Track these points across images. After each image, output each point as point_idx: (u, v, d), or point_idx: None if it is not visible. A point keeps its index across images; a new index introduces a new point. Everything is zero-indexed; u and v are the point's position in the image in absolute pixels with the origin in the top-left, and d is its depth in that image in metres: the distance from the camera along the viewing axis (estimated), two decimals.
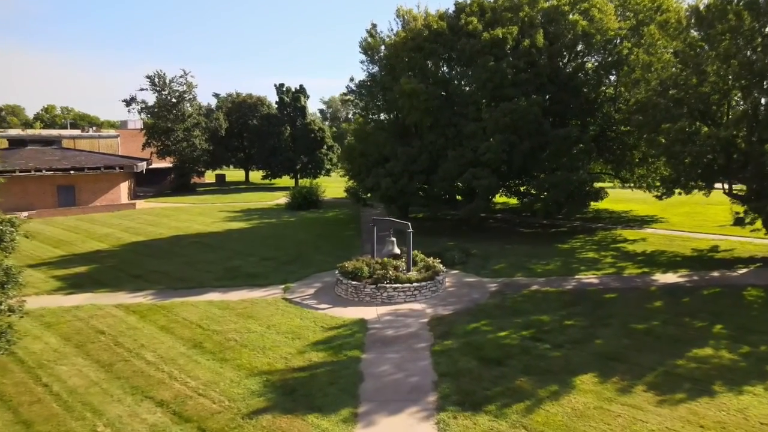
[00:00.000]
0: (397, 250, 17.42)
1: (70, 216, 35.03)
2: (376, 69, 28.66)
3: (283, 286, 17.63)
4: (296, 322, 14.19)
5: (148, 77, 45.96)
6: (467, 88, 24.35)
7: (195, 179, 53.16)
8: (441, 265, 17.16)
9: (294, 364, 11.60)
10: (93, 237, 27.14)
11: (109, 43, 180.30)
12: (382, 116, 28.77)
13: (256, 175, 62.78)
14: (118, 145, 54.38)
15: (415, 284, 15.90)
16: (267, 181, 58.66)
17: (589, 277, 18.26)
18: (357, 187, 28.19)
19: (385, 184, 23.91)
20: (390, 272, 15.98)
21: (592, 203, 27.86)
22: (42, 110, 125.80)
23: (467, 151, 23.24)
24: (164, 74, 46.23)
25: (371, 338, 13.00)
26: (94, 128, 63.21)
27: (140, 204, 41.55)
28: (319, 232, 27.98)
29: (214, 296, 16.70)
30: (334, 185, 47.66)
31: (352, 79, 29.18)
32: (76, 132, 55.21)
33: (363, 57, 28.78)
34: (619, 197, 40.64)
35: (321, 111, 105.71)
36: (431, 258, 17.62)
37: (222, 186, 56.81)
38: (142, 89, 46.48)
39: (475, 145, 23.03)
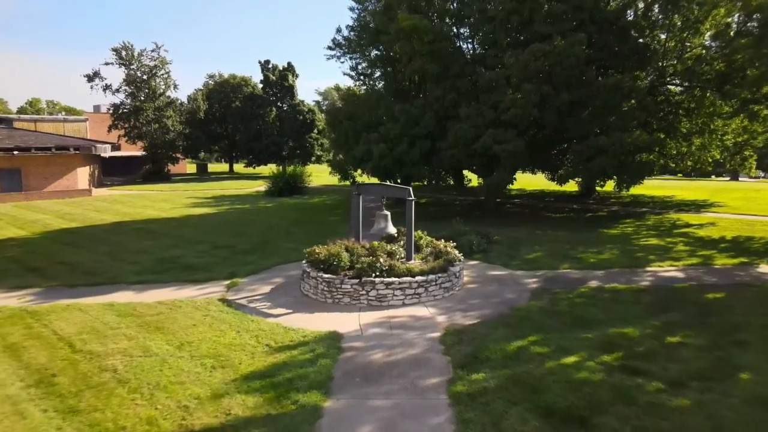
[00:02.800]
0: (392, 229, 12.02)
1: (9, 203, 29.67)
2: (369, 19, 23.23)
3: (227, 282, 12.25)
4: (228, 338, 8.77)
5: (114, 50, 40.53)
6: (485, 28, 18.76)
7: (172, 168, 47.69)
8: (456, 251, 11.74)
9: (195, 425, 6.19)
10: (15, 224, 21.75)
11: (100, 40, 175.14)
12: (377, 74, 23.31)
13: (242, 167, 57.42)
14: (87, 129, 49.00)
15: (419, 278, 10.50)
16: (251, 170, 53.22)
17: (668, 270, 12.84)
18: (343, 162, 22.70)
19: (379, 152, 18.47)
20: (381, 260, 10.58)
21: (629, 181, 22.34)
22: (26, 104, 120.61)
23: (485, 108, 17.85)
24: (132, 46, 40.83)
25: (346, 367, 7.60)
26: (64, 113, 57.84)
27: (101, 191, 36.28)
28: (296, 217, 22.60)
29: (122, 296, 11.32)
30: (325, 174, 42.28)
31: (339, 30, 23.93)
32: (38, 115, 49.79)
33: (352, 3, 23.35)
34: (651, 183, 35.46)
35: (317, 103, 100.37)
36: (442, 241, 12.22)
37: (203, 175, 51.37)
38: (107, 63, 40.97)
39: (496, 99, 17.65)
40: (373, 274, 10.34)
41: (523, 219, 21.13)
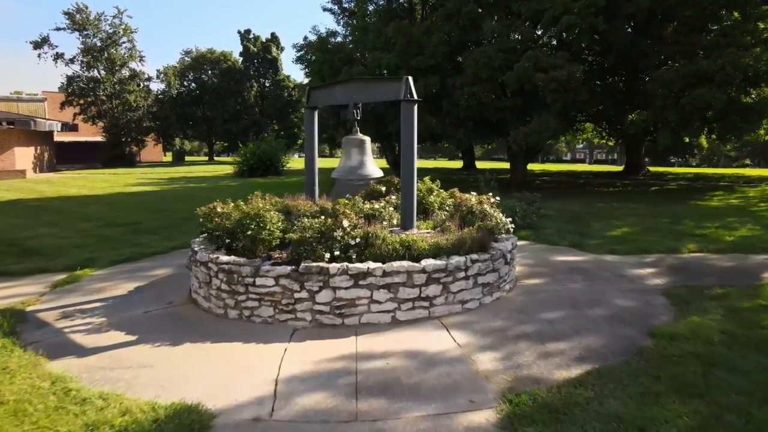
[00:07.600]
0: (373, 170, 6.20)
1: None
2: None
3: (64, 276, 6.49)
4: None
5: (67, 13, 34.78)
6: None
7: (143, 155, 41.87)
8: (501, 214, 5.94)
9: None
10: None
11: None
12: (369, 8, 17.48)
13: (224, 157, 51.61)
14: (45, 110, 43.27)
15: (428, 263, 4.65)
16: (232, 158, 47.41)
17: None
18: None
19: None
20: (345, 224, 4.76)
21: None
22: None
23: (520, 22, 12.09)
24: (87, 9, 35.08)
25: None
26: (25, 95, 52.17)
27: (44, 175, 30.53)
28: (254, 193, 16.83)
29: None
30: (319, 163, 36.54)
31: None
32: None
33: None
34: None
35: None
36: (473, 195, 6.43)
37: (177, 162, 45.54)
38: (58, 29, 35.20)
39: (537, 8, 11.88)
40: (327, 255, 4.55)
41: (568, 193, 15.38)
